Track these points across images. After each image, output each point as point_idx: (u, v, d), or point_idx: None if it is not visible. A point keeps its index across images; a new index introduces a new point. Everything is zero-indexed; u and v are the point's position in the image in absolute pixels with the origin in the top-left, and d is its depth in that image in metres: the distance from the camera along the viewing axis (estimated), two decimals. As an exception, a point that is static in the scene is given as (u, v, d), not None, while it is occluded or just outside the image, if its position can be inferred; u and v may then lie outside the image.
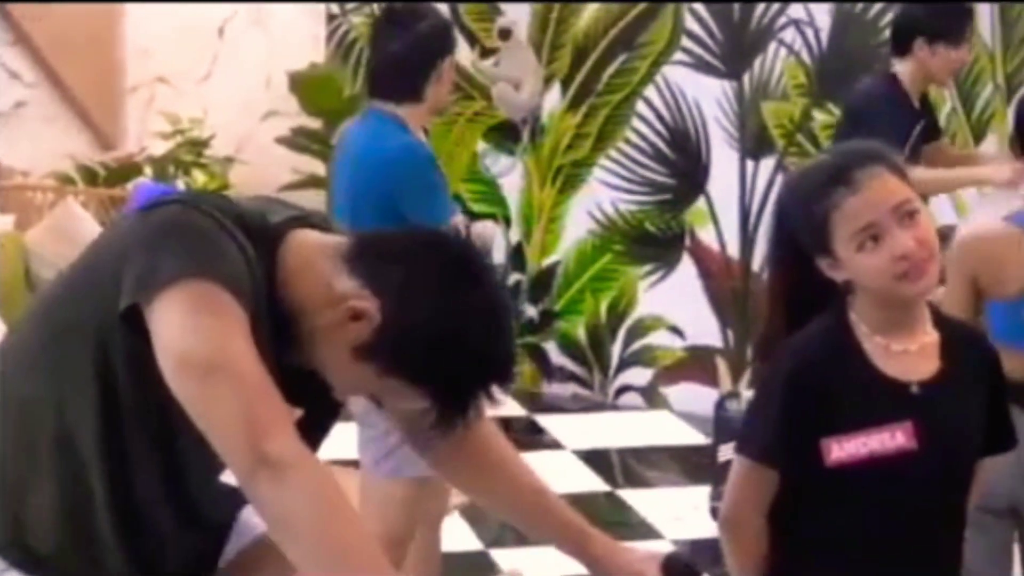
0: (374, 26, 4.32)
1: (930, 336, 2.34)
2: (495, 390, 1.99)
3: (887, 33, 6.23)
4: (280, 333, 1.98)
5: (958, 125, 6.05)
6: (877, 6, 6.25)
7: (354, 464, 4.63)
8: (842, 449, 2.26)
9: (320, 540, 1.83)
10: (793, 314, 2.39)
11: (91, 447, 1.97)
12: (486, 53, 7.12)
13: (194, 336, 1.85)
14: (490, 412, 2.10)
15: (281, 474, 1.82)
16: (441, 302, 1.94)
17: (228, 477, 1.94)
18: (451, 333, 1.93)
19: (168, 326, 1.86)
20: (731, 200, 6.70)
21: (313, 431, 2.10)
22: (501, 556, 4.97)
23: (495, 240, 4.74)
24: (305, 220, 2.06)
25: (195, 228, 1.92)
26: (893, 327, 2.31)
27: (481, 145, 7.20)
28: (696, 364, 6.84)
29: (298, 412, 2.04)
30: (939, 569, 2.38)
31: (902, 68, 4.88)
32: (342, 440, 4.54)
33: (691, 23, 6.65)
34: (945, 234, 3.59)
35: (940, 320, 2.37)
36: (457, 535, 5.20)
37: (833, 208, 2.25)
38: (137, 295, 1.87)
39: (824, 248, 2.28)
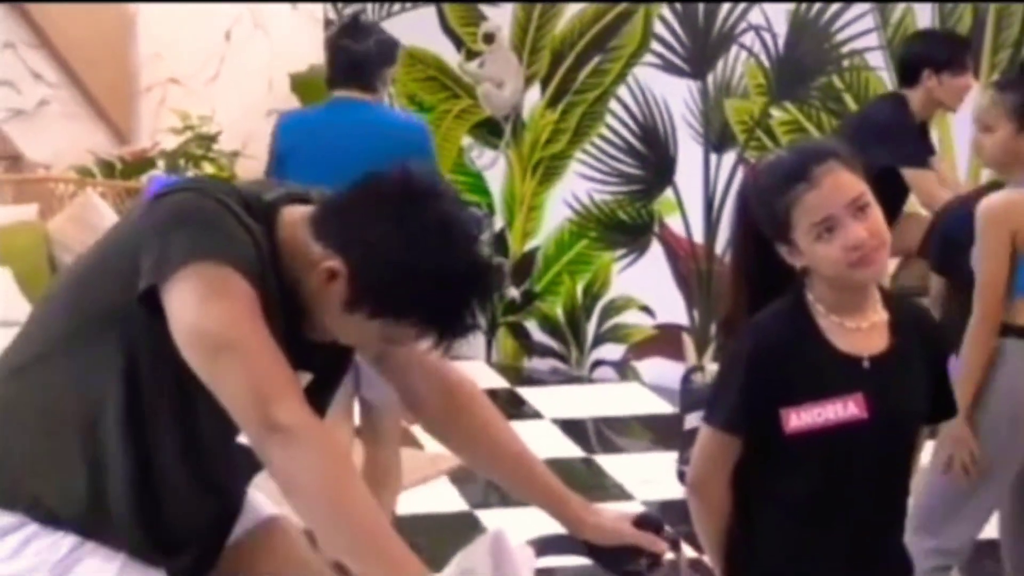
0: (341, 29, 4.47)
1: (880, 315, 2.34)
2: (479, 299, 1.93)
3: (839, 37, 6.26)
4: (289, 304, 1.97)
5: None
6: (830, 12, 6.25)
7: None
8: (799, 418, 2.27)
9: (325, 498, 1.84)
10: (753, 295, 2.40)
11: (115, 421, 1.96)
12: (471, 55, 7.10)
13: (206, 315, 1.85)
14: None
15: (290, 439, 1.82)
16: (393, 235, 1.90)
17: (243, 438, 1.93)
18: (411, 260, 1.89)
19: (182, 306, 1.86)
20: (696, 190, 6.69)
21: (323, 392, 2.10)
22: (486, 516, 4.97)
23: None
24: (294, 196, 2.05)
25: (203, 212, 1.91)
26: (846, 307, 2.31)
27: (467, 140, 7.19)
28: (664, 340, 6.84)
29: (307, 377, 2.04)
30: (884, 527, 2.38)
31: (912, 96, 4.89)
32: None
33: (660, 28, 6.63)
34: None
35: (889, 300, 2.38)
36: (444, 496, 5.21)
37: (793, 202, 2.24)
38: (153, 278, 1.87)
39: (784, 238, 2.28)
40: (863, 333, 2.32)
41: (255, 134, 7.60)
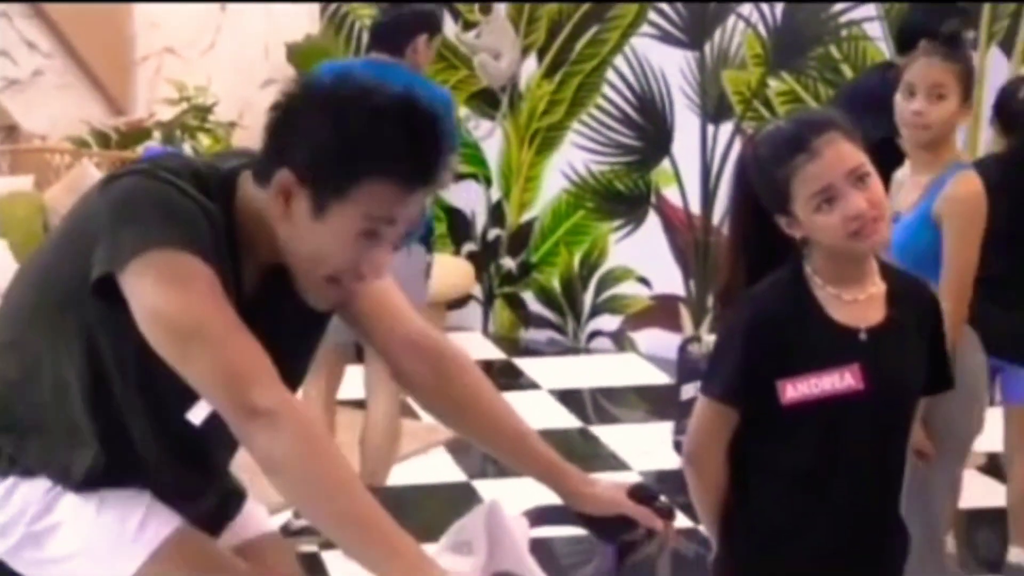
0: None
1: (878, 287, 2.34)
2: (423, 129, 1.88)
3: (837, 6, 6.24)
4: (247, 270, 1.96)
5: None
6: (828, -18, 6.23)
7: (358, 404, 4.66)
8: (796, 389, 2.26)
9: (310, 478, 1.82)
10: (750, 266, 2.39)
11: (80, 401, 1.98)
12: (468, 26, 7.07)
13: (166, 305, 1.83)
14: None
15: (269, 422, 1.80)
16: (318, 116, 1.88)
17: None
18: (339, 120, 1.87)
19: (141, 297, 1.85)
20: (693, 161, 6.68)
21: (296, 361, 2.08)
22: (482, 486, 4.98)
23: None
24: (252, 163, 2.01)
25: (153, 196, 1.88)
26: (844, 279, 2.31)
27: (464, 110, 7.16)
28: (661, 311, 6.84)
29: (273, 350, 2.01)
30: (881, 497, 2.39)
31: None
32: (345, 381, 4.58)
33: (657, -2, 6.62)
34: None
35: (887, 272, 2.37)
36: (441, 467, 5.21)
37: (793, 173, 2.24)
38: (107, 267, 1.86)
39: (783, 208, 2.28)
40: (860, 305, 2.31)
41: (251, 105, 7.57)
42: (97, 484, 2.01)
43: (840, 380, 2.27)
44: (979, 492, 4.77)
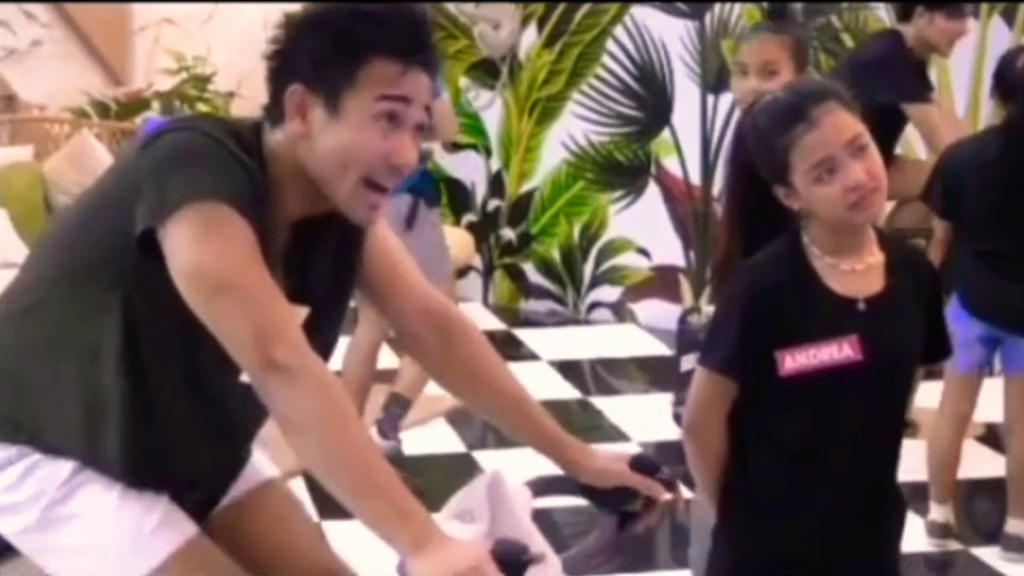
0: None
1: (875, 257, 2.34)
2: (408, 9, 1.98)
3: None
4: (282, 226, 1.99)
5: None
6: (828, -49, 6.21)
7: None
8: (794, 360, 2.27)
9: (324, 437, 1.84)
10: (748, 237, 2.39)
11: (111, 363, 1.97)
12: (468, -5, 7.05)
13: (204, 255, 1.85)
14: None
15: (289, 377, 1.83)
16: (306, 30, 2.00)
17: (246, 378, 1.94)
18: (326, 22, 1.99)
19: (180, 247, 1.86)
20: (693, 131, 6.68)
21: (323, 325, 2.09)
22: (483, 457, 5.00)
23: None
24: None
25: (197, 150, 1.91)
26: (842, 249, 2.31)
27: (463, 81, 7.16)
28: (661, 282, 6.85)
29: (305, 311, 2.04)
30: (880, 465, 2.40)
31: (906, 31, 4.85)
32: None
33: (657, -33, 6.59)
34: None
35: (884, 242, 2.38)
36: (442, 438, 5.23)
37: (792, 143, 2.24)
38: (151, 220, 1.87)
39: (782, 179, 2.28)
40: (858, 275, 2.31)
41: (250, 74, 7.54)
42: (117, 464, 2.01)
43: (839, 351, 2.27)
44: (978, 462, 4.79)
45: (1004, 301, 4.12)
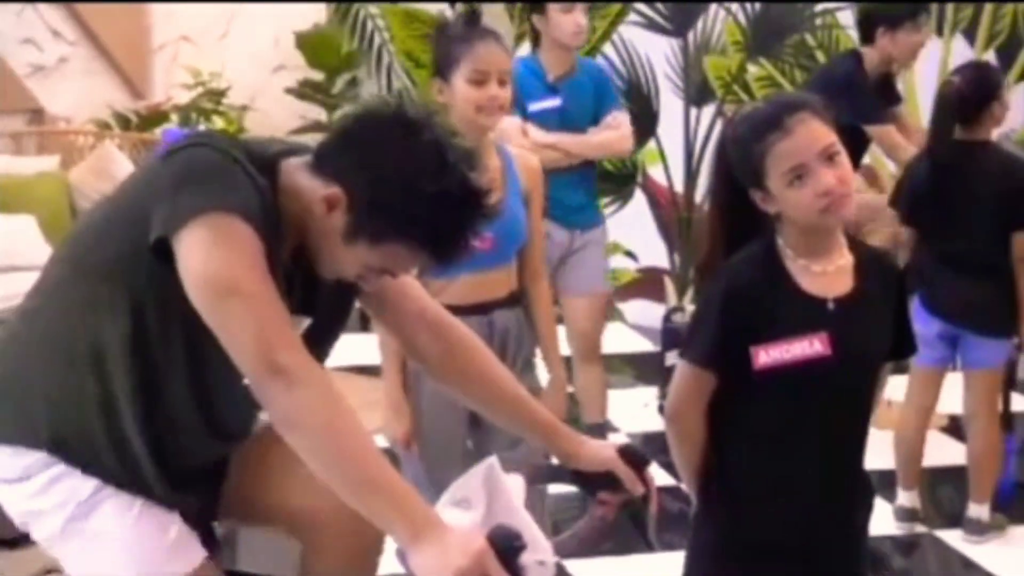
0: None
1: (845, 259, 2.34)
2: (473, 220, 1.93)
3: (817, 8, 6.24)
4: (285, 245, 1.98)
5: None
6: (803, -26, 6.22)
7: (362, 371, 4.67)
8: (768, 355, 2.27)
9: (325, 438, 1.84)
10: (729, 240, 2.40)
11: (119, 364, 1.97)
12: (466, 15, 7.05)
13: (214, 263, 1.85)
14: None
15: (289, 381, 1.82)
16: (390, 157, 1.90)
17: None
18: (408, 178, 1.88)
19: (192, 254, 1.86)
20: (677, 142, 6.68)
21: (322, 337, 2.10)
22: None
23: None
24: (294, 151, 2.04)
25: (211, 165, 1.91)
26: (814, 251, 2.32)
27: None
28: (647, 283, 6.85)
29: (307, 322, 2.04)
30: (848, 454, 2.40)
31: (867, 52, 4.87)
32: (350, 349, 4.58)
33: (643, -12, 6.60)
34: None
35: (854, 245, 2.38)
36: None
37: (767, 150, 2.24)
38: (165, 229, 1.87)
39: (759, 184, 2.28)
40: (829, 276, 2.32)
41: (263, 89, 7.58)
42: (148, 467, 2.02)
43: (809, 347, 2.28)
44: (941, 452, 4.81)
45: (963, 301, 4.15)
